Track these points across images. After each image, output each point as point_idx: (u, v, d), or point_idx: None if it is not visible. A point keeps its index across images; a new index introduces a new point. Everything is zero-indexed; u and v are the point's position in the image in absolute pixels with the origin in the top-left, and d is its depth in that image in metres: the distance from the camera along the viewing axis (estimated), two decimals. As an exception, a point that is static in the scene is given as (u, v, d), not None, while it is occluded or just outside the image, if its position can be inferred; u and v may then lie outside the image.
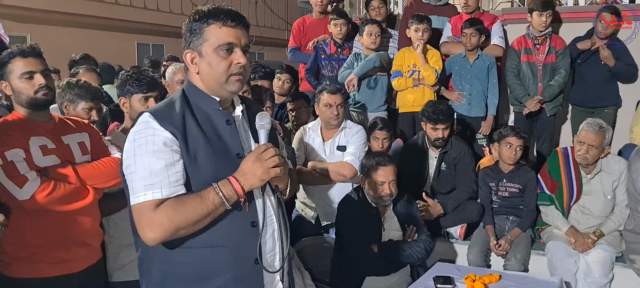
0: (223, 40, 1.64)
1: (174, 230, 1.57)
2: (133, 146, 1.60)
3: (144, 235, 1.59)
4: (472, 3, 4.76)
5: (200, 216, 1.58)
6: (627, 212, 3.57)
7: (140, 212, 1.58)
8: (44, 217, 2.17)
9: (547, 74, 4.48)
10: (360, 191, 3.35)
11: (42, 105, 2.28)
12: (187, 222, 1.57)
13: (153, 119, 1.61)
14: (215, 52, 1.65)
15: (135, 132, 1.62)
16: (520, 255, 3.62)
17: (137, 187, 1.58)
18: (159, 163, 1.57)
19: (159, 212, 1.56)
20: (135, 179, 1.59)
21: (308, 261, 3.44)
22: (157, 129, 1.60)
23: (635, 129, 4.19)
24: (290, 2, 17.59)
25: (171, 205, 1.56)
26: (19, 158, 2.11)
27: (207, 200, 1.58)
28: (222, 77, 1.66)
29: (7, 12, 9.66)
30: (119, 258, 2.61)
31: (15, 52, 2.25)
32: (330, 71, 4.94)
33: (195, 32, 1.66)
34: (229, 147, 1.69)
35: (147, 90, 2.65)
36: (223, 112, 1.71)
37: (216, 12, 1.66)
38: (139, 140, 1.60)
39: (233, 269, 1.69)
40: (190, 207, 1.57)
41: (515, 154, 3.79)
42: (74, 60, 4.79)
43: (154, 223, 1.56)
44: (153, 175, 1.57)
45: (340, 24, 4.89)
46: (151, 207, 1.56)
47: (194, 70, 1.69)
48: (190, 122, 1.65)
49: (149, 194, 1.56)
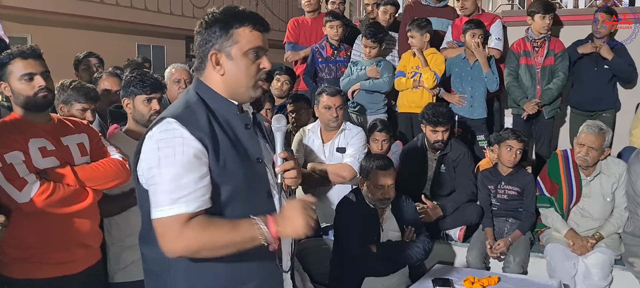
0: (254, 44, 1.62)
1: (197, 250, 1.52)
2: (157, 155, 1.52)
3: (167, 247, 1.52)
4: (469, 6, 4.77)
5: (227, 243, 1.52)
6: (626, 214, 3.57)
7: (166, 226, 1.51)
8: (43, 218, 2.17)
9: (546, 76, 4.48)
10: (359, 192, 3.35)
11: (41, 106, 2.28)
12: (212, 245, 1.52)
13: (181, 126, 1.53)
14: (245, 55, 1.62)
15: (161, 140, 1.53)
16: (519, 257, 3.62)
17: (162, 200, 1.50)
18: (188, 176, 1.50)
19: (187, 228, 1.49)
20: (159, 191, 1.51)
21: (307, 263, 3.44)
22: (186, 137, 1.52)
23: (634, 131, 4.20)
24: (290, 3, 17.61)
25: (202, 223, 1.50)
26: (18, 161, 2.11)
27: (238, 231, 1.52)
28: (251, 82, 1.64)
29: (8, 13, 9.67)
30: (121, 259, 2.61)
31: (16, 53, 2.24)
32: (328, 74, 4.93)
33: (223, 33, 1.61)
34: (250, 152, 1.65)
35: (150, 91, 2.64)
36: (241, 116, 1.67)
37: (246, 14, 1.64)
38: (166, 149, 1.51)
39: (259, 275, 1.67)
40: (219, 232, 1.51)
41: (515, 157, 3.79)
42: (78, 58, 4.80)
43: (179, 239, 1.50)
44: (181, 188, 1.49)
45: (336, 25, 4.86)
46: (180, 222, 1.49)
47: (219, 72, 1.63)
48: (216, 128, 1.59)
49: (175, 208, 1.49)
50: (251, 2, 15.06)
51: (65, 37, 10.55)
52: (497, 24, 4.79)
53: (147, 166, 1.55)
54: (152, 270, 1.69)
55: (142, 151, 1.59)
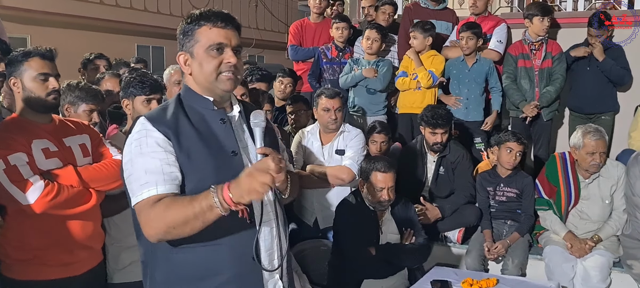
0: (213, 41, 1.68)
1: (165, 230, 1.58)
2: (129, 150, 1.66)
3: (145, 232, 1.62)
4: (480, 5, 4.78)
5: (188, 216, 1.55)
6: (625, 217, 3.58)
7: (139, 211, 1.61)
8: (46, 220, 2.18)
9: (544, 79, 4.49)
10: (358, 194, 3.36)
11: (50, 108, 2.30)
12: (175, 221, 1.56)
13: (147, 122, 1.66)
14: (206, 53, 1.69)
15: (131, 137, 1.67)
16: (517, 259, 3.63)
17: (134, 188, 1.62)
18: (152, 162, 1.61)
19: (153, 209, 1.58)
20: (132, 181, 1.63)
21: (306, 264, 3.45)
22: (149, 129, 1.64)
23: (633, 134, 4.21)
24: (290, 5, 17.63)
25: (165, 203, 1.58)
26: (22, 163, 2.11)
27: (194, 202, 1.55)
28: (212, 76, 1.69)
29: (8, 13, 9.67)
30: (120, 260, 2.61)
31: (34, 52, 2.26)
32: (332, 75, 4.96)
33: (188, 35, 1.71)
34: (224, 145, 1.71)
35: (149, 92, 2.66)
36: (217, 111, 1.75)
37: (207, 14, 1.71)
38: (133, 143, 1.65)
39: (233, 267, 1.71)
40: (179, 206, 1.57)
41: (515, 159, 3.80)
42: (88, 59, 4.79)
43: (149, 221, 1.59)
44: (148, 173, 1.60)
45: (342, 27, 4.93)
46: (148, 205, 1.59)
47: (187, 71, 1.74)
48: (182, 122, 1.69)
49: (144, 193, 1.59)
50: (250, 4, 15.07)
51: (65, 38, 10.54)
52: (502, 27, 4.79)
53: (124, 161, 1.69)
54: (143, 260, 1.79)
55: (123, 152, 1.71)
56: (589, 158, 3.53)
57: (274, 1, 16.85)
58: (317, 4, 5.35)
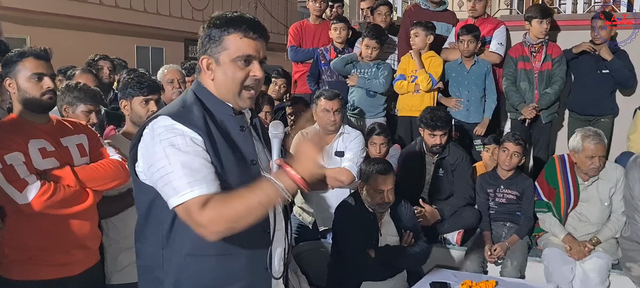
0: (243, 52, 1.61)
1: (226, 226, 1.50)
2: (162, 147, 1.53)
3: (200, 231, 1.51)
4: (479, 7, 4.78)
5: (251, 206, 1.50)
6: (624, 219, 3.58)
7: (187, 211, 1.51)
8: (43, 219, 2.17)
9: (544, 81, 4.50)
10: (357, 196, 3.35)
11: (45, 108, 2.28)
12: (237, 214, 1.49)
13: (177, 122, 1.56)
14: (233, 62, 1.61)
15: (161, 134, 1.55)
16: (516, 261, 3.63)
17: (180, 185, 1.50)
18: (196, 160, 1.52)
19: (207, 209, 1.49)
20: (174, 178, 1.51)
21: (305, 266, 3.45)
22: (185, 130, 1.55)
23: (632, 136, 4.21)
24: (290, 6, 17.62)
25: (219, 199, 1.50)
26: (18, 162, 2.11)
27: (258, 189, 1.50)
28: (237, 88, 1.63)
29: (7, 14, 9.65)
30: (118, 260, 2.61)
31: (29, 52, 2.25)
32: (330, 76, 4.95)
33: (215, 40, 1.62)
34: (245, 153, 1.66)
35: (148, 93, 2.65)
36: (236, 118, 1.68)
37: (239, 21, 1.62)
38: (166, 140, 1.54)
39: (247, 277, 1.68)
40: (239, 199, 1.50)
41: (511, 160, 3.80)
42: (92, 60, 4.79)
43: (209, 220, 1.49)
44: (195, 172, 1.51)
45: (340, 28, 4.93)
46: (199, 204, 1.49)
47: (209, 76, 1.65)
48: (211, 125, 1.61)
49: (195, 190, 1.49)
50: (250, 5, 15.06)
51: (64, 39, 10.51)
52: (501, 29, 4.80)
53: (151, 161, 1.55)
54: (147, 265, 1.71)
55: (141, 147, 1.60)
56: (588, 162, 3.53)
57: (273, 2, 16.84)
58: (316, 6, 5.35)
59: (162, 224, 1.64)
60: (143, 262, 1.72)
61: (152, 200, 1.63)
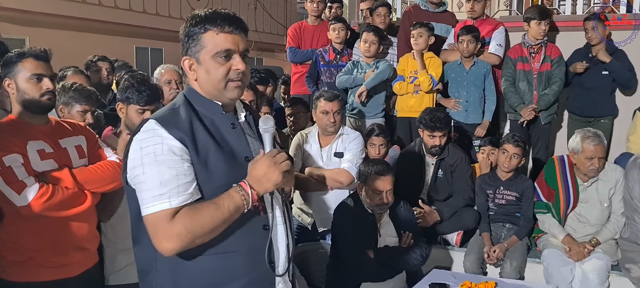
0: (221, 47, 1.61)
1: (191, 240, 1.53)
2: (140, 155, 1.56)
3: (161, 246, 1.54)
4: (477, 9, 4.78)
5: (216, 224, 1.55)
6: (623, 220, 3.58)
7: (155, 223, 1.54)
8: (41, 221, 2.17)
9: (542, 82, 4.50)
10: (357, 197, 3.35)
11: (45, 109, 2.28)
12: (203, 230, 1.54)
13: (160, 127, 1.57)
14: (213, 59, 1.62)
15: (142, 140, 1.57)
16: (516, 262, 3.63)
17: (146, 198, 1.54)
18: (168, 172, 1.53)
19: (175, 222, 1.52)
20: (144, 189, 1.55)
21: (304, 267, 3.44)
22: (165, 137, 1.56)
23: (631, 137, 4.21)
24: (289, 7, 17.63)
25: (187, 214, 1.53)
26: (17, 164, 2.10)
27: (222, 207, 1.55)
28: (221, 84, 1.64)
29: (6, 14, 9.66)
30: (116, 261, 2.60)
31: (28, 52, 2.25)
32: (329, 77, 4.95)
33: (193, 39, 1.63)
34: (236, 151, 1.67)
35: (145, 104, 2.60)
36: (227, 116, 1.69)
37: (213, 17, 1.62)
38: (146, 148, 1.55)
39: (247, 274, 1.68)
40: (206, 215, 1.53)
41: (510, 161, 3.80)
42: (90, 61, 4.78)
43: (171, 234, 1.52)
44: (163, 185, 1.53)
45: (339, 28, 4.92)
46: (167, 218, 1.52)
47: (193, 77, 1.66)
48: (197, 127, 1.61)
49: (157, 205, 1.52)
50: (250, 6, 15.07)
51: (64, 39, 10.51)
52: (500, 30, 4.80)
53: (131, 166, 1.59)
54: (142, 269, 1.71)
55: (128, 152, 1.62)
56: (588, 163, 3.53)
57: (272, 3, 16.85)
58: (313, 7, 5.34)
59: None
60: (139, 266, 1.73)
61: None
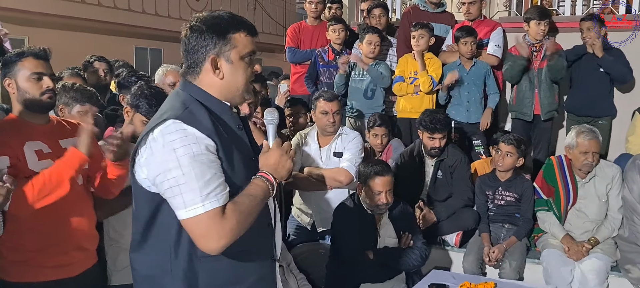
0: (250, 49, 1.68)
1: (239, 234, 1.56)
2: (175, 156, 1.51)
3: (211, 245, 1.53)
4: (473, 11, 4.78)
5: (255, 214, 1.61)
6: (620, 217, 3.61)
7: (207, 223, 1.51)
8: (41, 221, 2.16)
9: (543, 77, 4.50)
10: (356, 198, 3.35)
11: (45, 108, 2.28)
12: (247, 222, 1.58)
13: (189, 126, 1.55)
14: (242, 61, 1.66)
15: (174, 141, 1.52)
16: (515, 263, 3.63)
17: (191, 199, 1.51)
18: (209, 171, 1.53)
19: (227, 218, 1.53)
20: (186, 191, 1.51)
21: (304, 267, 3.45)
22: (199, 136, 1.54)
23: (630, 138, 4.22)
24: (288, 8, 17.64)
25: (234, 208, 1.55)
26: (2, 166, 2.07)
27: (256, 197, 1.61)
28: (244, 86, 1.70)
29: (5, 14, 9.65)
30: (118, 261, 2.61)
31: (28, 51, 2.25)
32: (329, 78, 4.95)
33: (223, 37, 1.63)
34: (247, 150, 1.73)
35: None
36: (234, 117, 1.73)
37: (242, 20, 1.69)
38: (180, 149, 1.51)
39: (258, 270, 1.74)
40: (247, 207, 1.58)
41: (504, 160, 3.79)
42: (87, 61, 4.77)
43: (224, 231, 1.52)
44: (208, 184, 1.51)
45: (338, 29, 4.92)
46: (219, 216, 1.52)
47: (218, 76, 1.65)
48: (218, 128, 1.62)
49: (207, 204, 1.51)
50: (249, 6, 15.08)
51: (63, 40, 10.51)
52: (498, 31, 4.80)
53: (163, 169, 1.53)
54: (149, 274, 1.69)
55: (146, 154, 1.57)
56: (582, 158, 3.56)
57: (272, 4, 16.86)
58: (312, 8, 5.34)
59: (171, 230, 1.61)
60: (145, 271, 1.71)
61: (158, 207, 1.62)
